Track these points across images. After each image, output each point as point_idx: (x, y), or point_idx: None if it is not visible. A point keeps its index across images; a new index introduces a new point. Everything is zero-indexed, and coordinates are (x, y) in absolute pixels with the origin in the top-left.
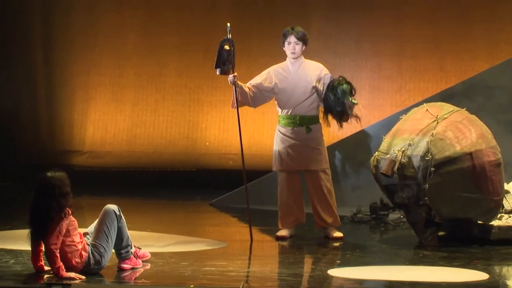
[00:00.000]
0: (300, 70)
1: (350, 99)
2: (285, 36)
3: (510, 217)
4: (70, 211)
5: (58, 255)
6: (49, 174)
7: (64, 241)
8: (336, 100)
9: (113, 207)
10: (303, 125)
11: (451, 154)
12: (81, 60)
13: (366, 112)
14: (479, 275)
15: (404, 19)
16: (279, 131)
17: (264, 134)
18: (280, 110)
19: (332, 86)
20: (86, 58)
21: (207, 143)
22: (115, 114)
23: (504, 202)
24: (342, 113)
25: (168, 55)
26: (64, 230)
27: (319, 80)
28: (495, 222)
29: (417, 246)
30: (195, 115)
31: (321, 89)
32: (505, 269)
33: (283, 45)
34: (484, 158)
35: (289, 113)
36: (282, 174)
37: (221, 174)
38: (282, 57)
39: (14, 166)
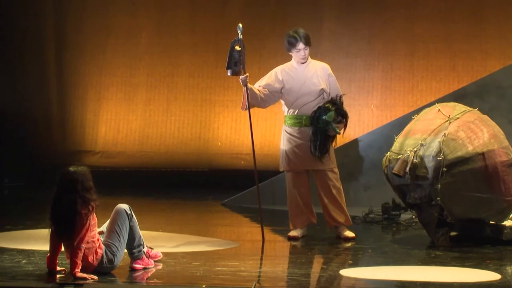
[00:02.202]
0: (306, 70)
1: (334, 127)
2: (292, 45)
3: None
4: (94, 206)
5: (83, 251)
6: (71, 169)
7: (83, 237)
8: (318, 130)
9: (124, 206)
10: (309, 125)
11: (463, 154)
12: (93, 61)
13: (378, 112)
14: (491, 276)
15: (416, 19)
16: (286, 131)
17: (276, 135)
18: (286, 110)
19: (317, 116)
20: (99, 58)
21: (219, 143)
22: (127, 114)
23: None
24: (324, 140)
25: (180, 55)
26: (89, 225)
27: (325, 82)
28: (507, 223)
29: (429, 246)
30: (207, 115)
31: (328, 91)
32: None
33: (290, 52)
34: (497, 158)
35: (295, 113)
36: (289, 174)
37: (233, 174)
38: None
39: (26, 166)
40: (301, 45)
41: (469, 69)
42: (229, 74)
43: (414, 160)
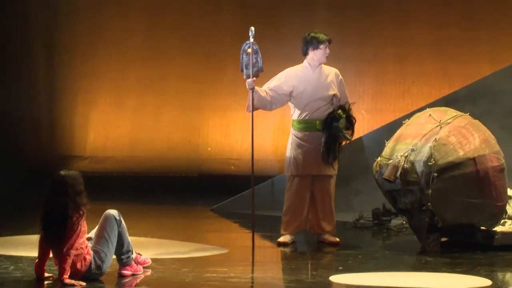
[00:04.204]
0: (319, 74)
1: (344, 133)
2: (319, 42)
3: None
4: (85, 212)
5: (72, 258)
6: (62, 172)
7: (73, 243)
8: (331, 136)
9: (113, 212)
10: (322, 130)
11: (454, 159)
12: (83, 64)
13: (369, 117)
14: (482, 281)
15: (407, 23)
16: (295, 136)
17: (267, 140)
18: (297, 114)
19: (329, 122)
20: (89, 61)
21: (209, 149)
22: (117, 118)
23: (508, 208)
24: (335, 145)
25: (170, 59)
26: (79, 232)
27: (337, 87)
28: (498, 228)
29: (420, 252)
30: (197, 120)
31: (339, 97)
32: (508, 275)
33: (312, 51)
34: (488, 163)
35: (307, 117)
36: (296, 179)
37: (222, 179)
38: (287, 60)
39: (15, 171)
40: (326, 43)
41: (461, 73)
42: (244, 77)
43: (405, 165)
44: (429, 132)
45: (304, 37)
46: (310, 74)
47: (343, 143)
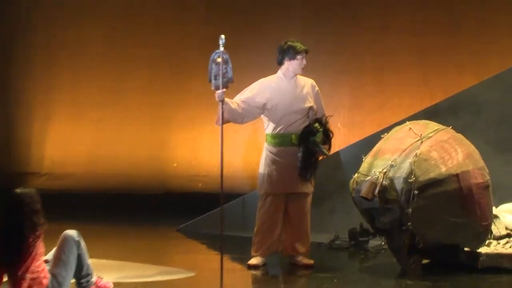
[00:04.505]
0: (295, 85)
1: (322, 148)
2: (297, 52)
3: (499, 243)
4: (42, 233)
5: (28, 282)
6: (18, 190)
7: (29, 266)
8: (308, 151)
9: (72, 232)
10: (298, 144)
11: (436, 175)
12: (39, 76)
13: (345, 130)
14: None
15: (386, 31)
16: (269, 152)
17: (237, 155)
18: (271, 128)
19: (306, 136)
20: (45, 73)
21: (175, 165)
22: (76, 133)
23: (493, 227)
24: (312, 161)
25: (134, 68)
26: (35, 254)
27: (314, 99)
28: (483, 249)
29: (400, 274)
30: (162, 134)
31: (315, 110)
32: None
33: (290, 60)
34: (472, 180)
35: (282, 131)
36: (270, 198)
37: (189, 197)
38: (259, 70)
39: None
40: (303, 53)
41: (443, 84)
42: (212, 88)
43: (384, 182)
44: (409, 147)
45: (280, 46)
46: (285, 85)
47: (320, 158)
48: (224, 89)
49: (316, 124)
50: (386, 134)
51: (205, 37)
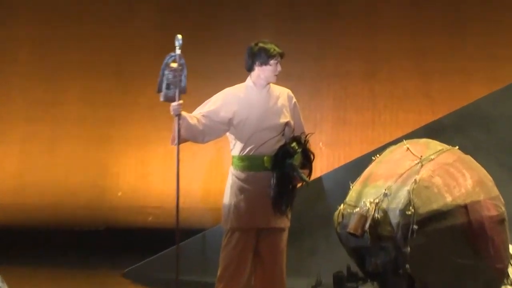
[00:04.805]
0: (267, 96)
1: (300, 173)
2: (271, 56)
3: None
4: None
5: None
6: None
7: None
8: (283, 177)
9: None
10: (272, 169)
11: (440, 207)
12: None
13: (329, 151)
14: None
15: (377, 31)
16: (236, 178)
17: (196, 182)
18: (238, 149)
19: (281, 158)
20: None
21: (120, 194)
22: None
23: (509, 269)
24: (288, 188)
25: (69, 78)
26: None
27: (290, 114)
28: None
29: None
30: (104, 156)
31: (292, 126)
32: None
33: (262, 65)
34: (483, 212)
35: (252, 152)
36: (237, 234)
37: (137, 233)
38: (223, 78)
39: None
40: (278, 57)
41: (447, 95)
42: (161, 99)
43: (376, 215)
44: (406, 172)
45: (250, 48)
46: (256, 96)
47: (298, 185)
48: (181, 101)
49: (294, 144)
50: (378, 155)
51: (155, 40)
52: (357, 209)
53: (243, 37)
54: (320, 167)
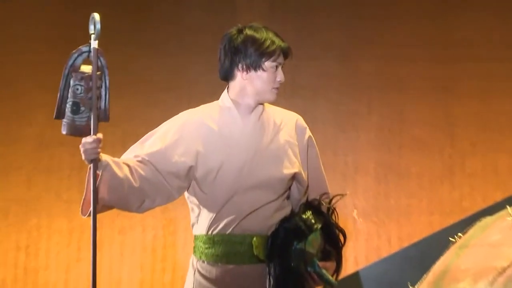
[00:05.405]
0: (259, 127)
1: (320, 270)
2: (266, 52)
3: None
4: None
5: None
6: None
7: None
8: (288, 274)
9: None
10: (269, 258)
11: None
12: None
13: (370, 226)
14: None
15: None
16: (202, 276)
17: (127, 279)
18: (204, 222)
19: (285, 242)
20: None
21: None
22: None
23: None
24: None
25: None
26: None
27: (301, 158)
28: None
29: None
30: None
31: (305, 179)
32: None
33: (251, 69)
34: None
35: (230, 230)
36: None
37: None
38: (178, 90)
39: None
40: (281, 58)
41: None
42: (63, 131)
43: None
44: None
45: (229, 38)
46: (238, 127)
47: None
48: (99, 136)
49: (308, 214)
50: (460, 234)
51: (57, 34)
52: None
53: (212, 25)
54: (356, 256)
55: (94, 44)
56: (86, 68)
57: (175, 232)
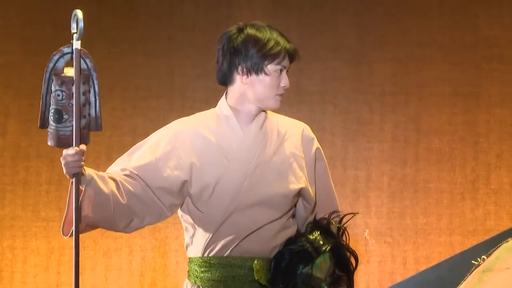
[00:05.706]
0: (261, 138)
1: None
2: (272, 54)
3: None
4: None
5: None
6: None
7: None
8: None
9: None
10: (272, 283)
11: None
12: None
13: (384, 248)
14: None
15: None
16: None
17: None
18: (199, 243)
19: (290, 265)
20: None
21: None
22: None
23: None
24: None
25: None
26: None
27: (308, 172)
28: None
29: None
30: None
31: (313, 197)
32: None
33: (252, 72)
34: None
35: (228, 252)
36: None
37: None
38: (171, 95)
39: None
40: (286, 61)
41: None
42: (48, 142)
43: None
44: None
45: (228, 37)
46: (237, 137)
47: None
48: (82, 147)
49: (316, 235)
50: (484, 258)
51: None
52: None
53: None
54: (368, 280)
55: (76, 44)
56: (70, 72)
57: (166, 254)
